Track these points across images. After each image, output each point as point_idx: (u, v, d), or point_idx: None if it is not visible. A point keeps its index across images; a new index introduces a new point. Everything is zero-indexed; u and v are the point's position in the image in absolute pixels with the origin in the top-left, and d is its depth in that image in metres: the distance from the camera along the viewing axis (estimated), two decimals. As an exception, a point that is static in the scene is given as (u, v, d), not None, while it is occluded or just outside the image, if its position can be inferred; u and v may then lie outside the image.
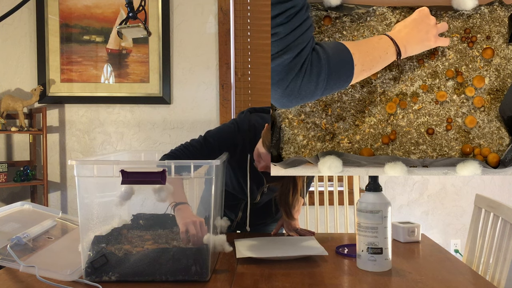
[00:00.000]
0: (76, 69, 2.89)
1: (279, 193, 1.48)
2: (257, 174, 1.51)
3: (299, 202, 1.58)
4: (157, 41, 2.87)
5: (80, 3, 2.87)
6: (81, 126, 2.92)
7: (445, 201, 2.91)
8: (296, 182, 1.47)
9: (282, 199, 1.47)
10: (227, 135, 1.50)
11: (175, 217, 1.22)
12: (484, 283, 1.11)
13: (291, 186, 1.46)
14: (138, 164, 1.44)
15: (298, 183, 1.48)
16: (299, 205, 1.61)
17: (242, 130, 1.49)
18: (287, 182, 1.46)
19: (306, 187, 1.70)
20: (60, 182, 2.93)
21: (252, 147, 1.44)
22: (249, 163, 1.50)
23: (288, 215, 1.50)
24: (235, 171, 1.57)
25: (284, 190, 1.46)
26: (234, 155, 1.50)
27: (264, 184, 1.56)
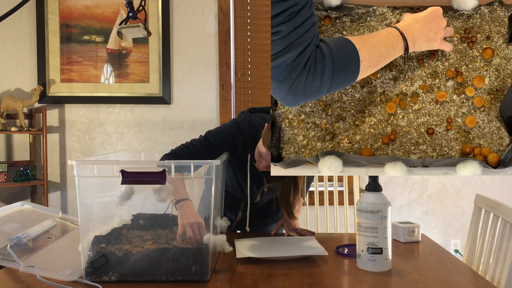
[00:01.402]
0: (76, 69, 2.89)
1: (280, 192, 1.48)
2: (257, 174, 1.51)
3: (300, 202, 1.59)
4: (157, 41, 2.87)
5: (80, 3, 2.87)
6: (81, 126, 2.92)
7: (445, 201, 2.91)
8: (297, 182, 1.47)
9: (283, 198, 1.48)
10: (228, 135, 1.50)
11: (177, 215, 1.22)
12: (484, 283, 1.11)
13: (292, 185, 1.46)
14: (138, 164, 1.44)
15: (299, 183, 1.48)
16: (300, 204, 1.61)
17: (242, 131, 1.49)
18: (288, 181, 1.46)
19: (306, 187, 1.70)
20: (60, 182, 2.93)
21: (252, 147, 1.44)
22: (249, 163, 1.50)
23: (289, 215, 1.50)
24: (235, 171, 1.57)
25: (285, 189, 1.46)
26: (234, 155, 1.50)
27: (264, 184, 1.56)
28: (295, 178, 1.47)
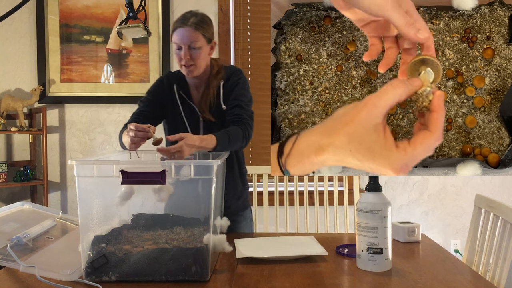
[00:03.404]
0: (76, 69, 2.89)
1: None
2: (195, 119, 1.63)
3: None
4: (157, 41, 2.87)
5: (80, 3, 2.87)
6: (81, 126, 2.92)
7: (445, 201, 2.91)
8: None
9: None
10: (156, 87, 1.69)
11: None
12: (484, 283, 1.11)
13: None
14: (138, 164, 1.44)
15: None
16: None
17: (165, 84, 1.68)
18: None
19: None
20: (60, 182, 2.93)
21: (176, 96, 1.63)
22: (178, 96, 1.64)
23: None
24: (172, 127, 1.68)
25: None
26: (168, 110, 1.65)
27: (200, 120, 1.63)
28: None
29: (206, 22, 1.57)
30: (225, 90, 1.63)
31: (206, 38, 1.56)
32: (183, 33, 1.53)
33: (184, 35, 1.53)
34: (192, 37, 1.52)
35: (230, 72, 1.67)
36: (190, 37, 1.52)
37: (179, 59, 1.56)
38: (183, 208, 1.30)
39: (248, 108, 1.61)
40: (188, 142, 1.30)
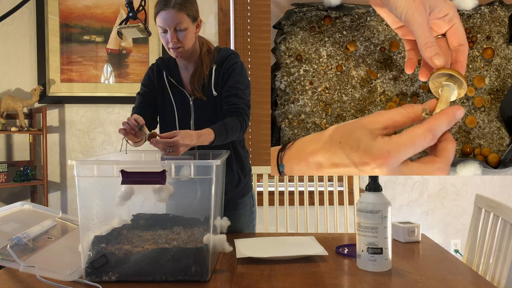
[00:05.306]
0: (76, 69, 2.89)
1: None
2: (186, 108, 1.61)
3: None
4: (157, 41, 2.87)
5: (80, 3, 2.87)
6: (81, 126, 2.92)
7: (445, 201, 2.91)
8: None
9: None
10: (147, 77, 1.71)
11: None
12: (484, 283, 1.11)
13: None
14: (138, 164, 1.44)
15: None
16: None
17: (155, 71, 1.68)
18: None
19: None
20: (60, 182, 2.93)
21: (166, 83, 1.63)
22: (167, 83, 1.64)
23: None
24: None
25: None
26: (159, 97, 1.66)
27: (190, 105, 1.59)
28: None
29: (189, 1, 1.52)
30: (219, 74, 1.58)
31: (191, 18, 1.51)
32: (167, 15, 1.48)
33: (168, 17, 1.48)
34: (177, 19, 1.47)
35: (225, 55, 1.62)
36: (175, 19, 1.47)
37: (166, 42, 1.53)
38: (183, 208, 1.30)
39: (245, 97, 1.55)
40: (185, 142, 1.29)
